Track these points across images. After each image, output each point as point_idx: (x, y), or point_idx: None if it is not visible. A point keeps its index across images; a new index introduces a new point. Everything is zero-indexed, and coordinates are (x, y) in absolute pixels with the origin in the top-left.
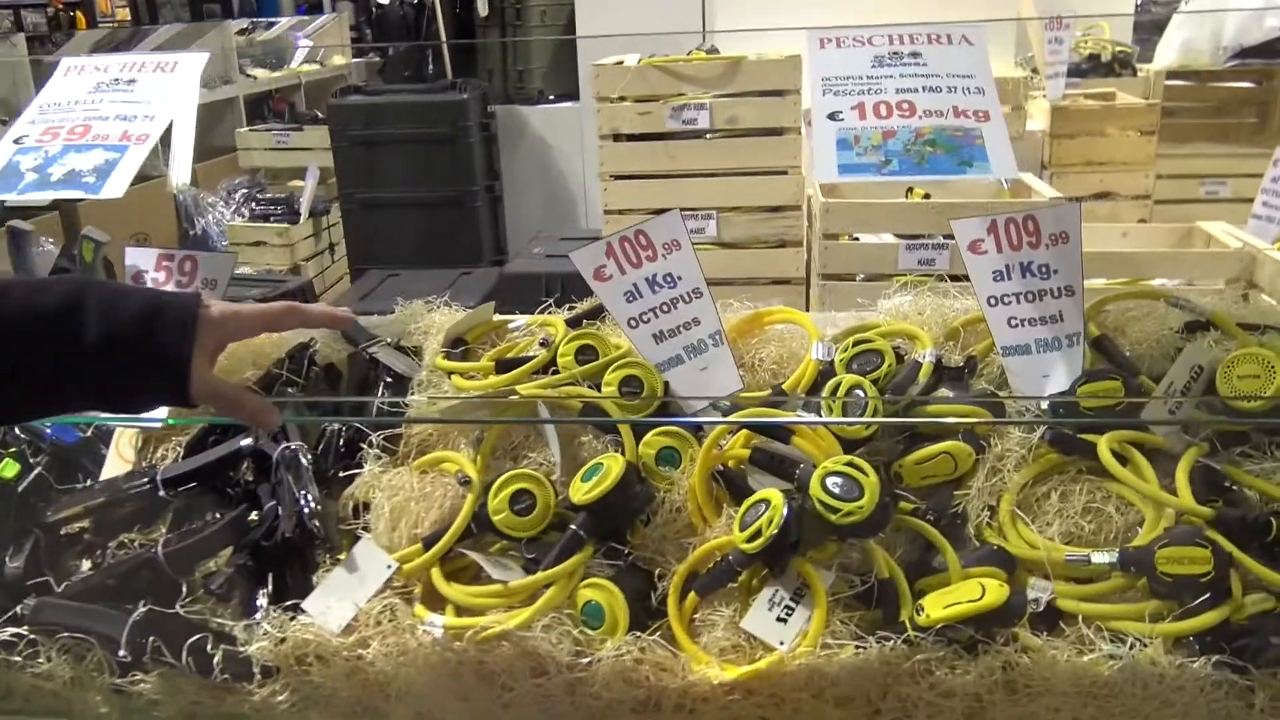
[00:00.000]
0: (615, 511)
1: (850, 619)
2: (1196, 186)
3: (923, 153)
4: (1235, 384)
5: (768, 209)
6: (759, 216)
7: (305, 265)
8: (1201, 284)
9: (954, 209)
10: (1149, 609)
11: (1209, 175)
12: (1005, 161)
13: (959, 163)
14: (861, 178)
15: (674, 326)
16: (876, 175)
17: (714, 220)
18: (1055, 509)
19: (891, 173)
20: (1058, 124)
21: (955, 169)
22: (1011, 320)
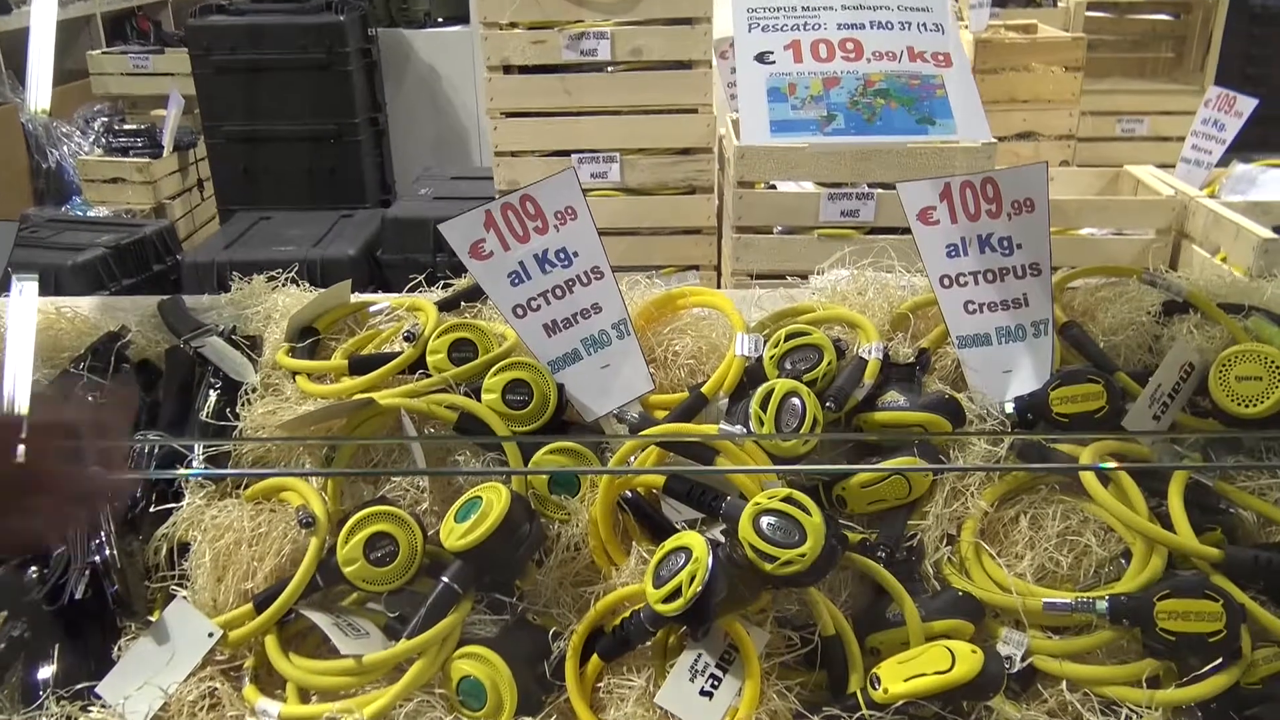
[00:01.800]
0: (498, 558)
1: (790, 687)
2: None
3: (873, 106)
4: (1233, 386)
5: (675, 151)
6: (666, 160)
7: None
8: (1131, 233)
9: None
10: (1144, 670)
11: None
12: (974, 119)
13: (918, 119)
14: (800, 138)
15: (570, 315)
16: (818, 135)
17: (617, 163)
18: (1025, 538)
19: (836, 132)
20: (981, 58)
21: (914, 128)
22: (969, 305)
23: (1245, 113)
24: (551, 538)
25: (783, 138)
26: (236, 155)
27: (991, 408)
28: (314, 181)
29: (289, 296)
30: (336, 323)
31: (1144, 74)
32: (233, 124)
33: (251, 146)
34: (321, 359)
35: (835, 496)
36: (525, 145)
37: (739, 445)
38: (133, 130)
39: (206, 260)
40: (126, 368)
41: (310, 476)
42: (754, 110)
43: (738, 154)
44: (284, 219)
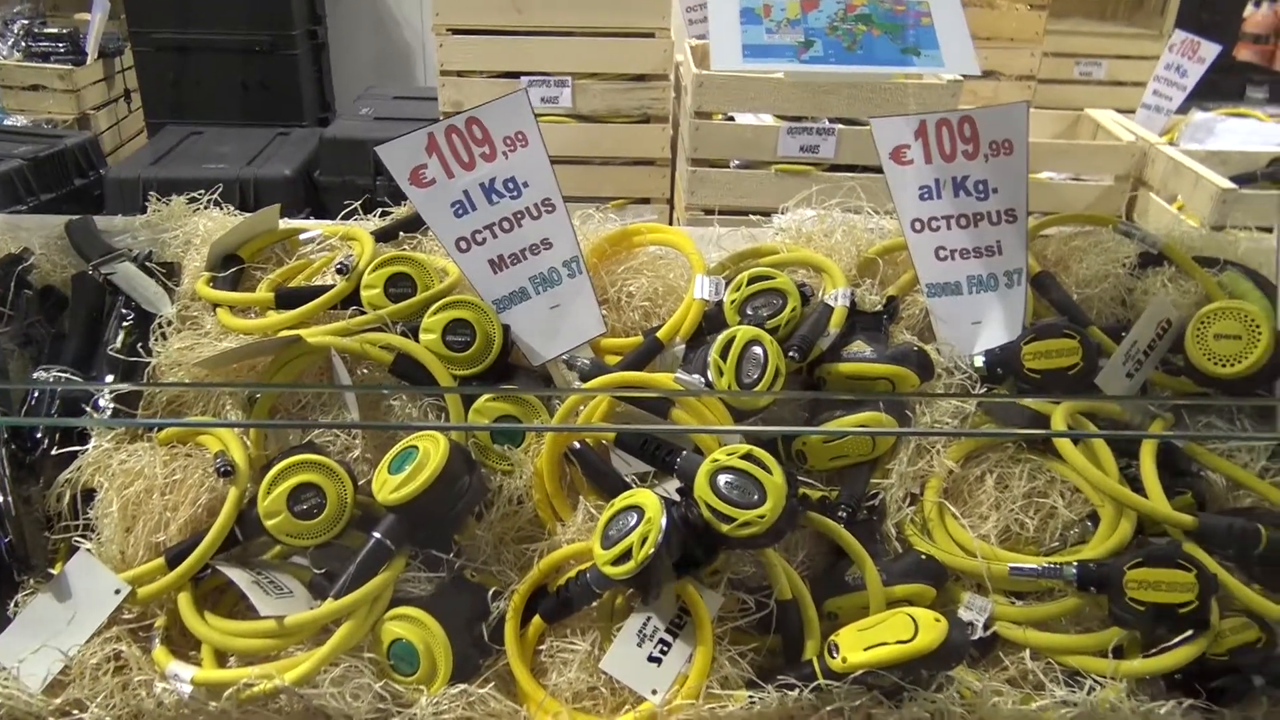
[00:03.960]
0: (435, 512)
1: (744, 653)
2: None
3: (854, 33)
4: (1211, 345)
5: (630, 77)
6: (620, 86)
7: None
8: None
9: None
10: (1110, 639)
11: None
12: (961, 52)
13: (903, 49)
14: (774, 64)
15: (518, 250)
16: (794, 62)
17: (568, 88)
18: (991, 498)
19: (814, 59)
20: None
21: (898, 58)
22: (940, 251)
23: (1208, 59)
24: (493, 490)
25: (756, 63)
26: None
27: (960, 360)
28: (249, 96)
29: (212, 220)
30: (263, 251)
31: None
32: (162, 31)
33: (181, 56)
34: (246, 290)
35: (796, 451)
36: (472, 65)
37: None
38: (54, 34)
39: (131, 176)
40: (28, 294)
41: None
42: (726, 33)
43: (695, 82)
44: (216, 135)
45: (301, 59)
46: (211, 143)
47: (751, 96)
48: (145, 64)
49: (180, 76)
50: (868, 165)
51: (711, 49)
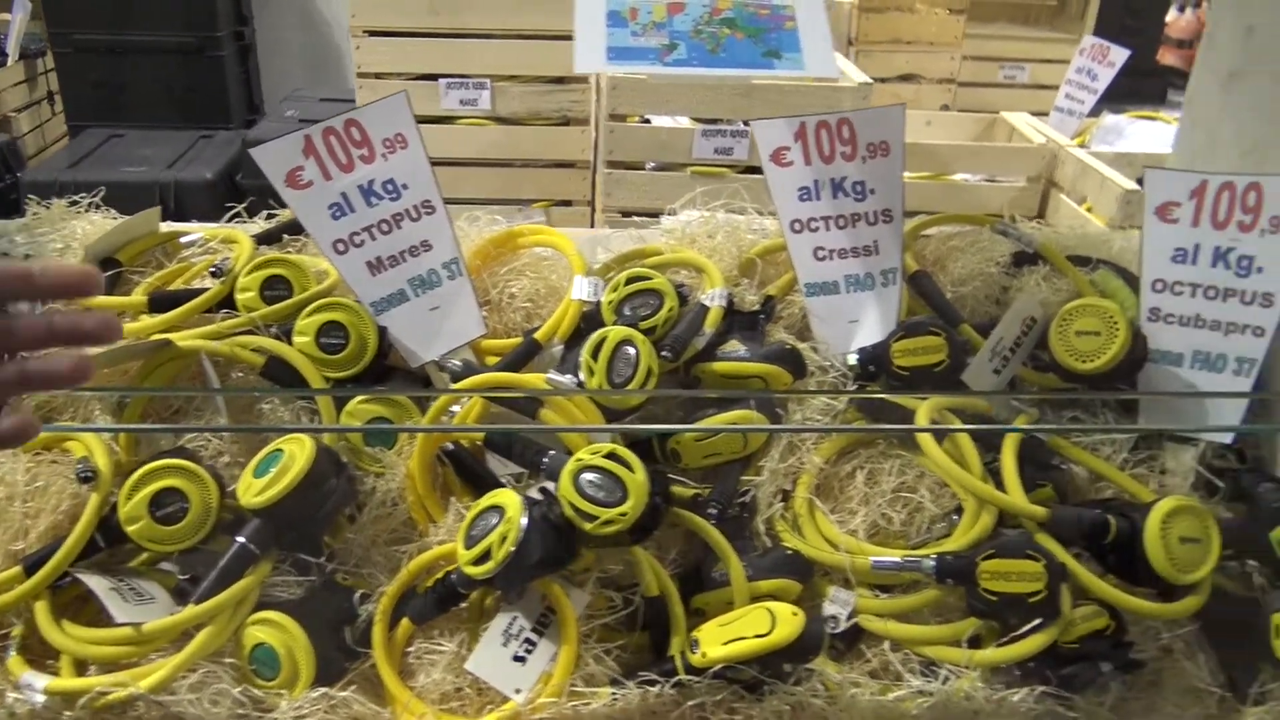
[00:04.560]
0: (301, 515)
1: (610, 650)
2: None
3: (717, 36)
4: (1072, 341)
5: (550, 80)
6: (540, 89)
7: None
8: (1003, 179)
9: (758, 91)
10: (966, 630)
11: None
12: (822, 55)
13: (764, 53)
14: (637, 66)
15: (397, 252)
16: (657, 64)
17: (488, 90)
18: (861, 494)
19: (677, 62)
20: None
21: (759, 61)
22: (819, 251)
23: (1118, 63)
24: (366, 492)
25: (619, 65)
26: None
27: (835, 359)
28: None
29: (91, 224)
30: (144, 254)
31: (1027, 21)
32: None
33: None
34: (123, 294)
35: (670, 450)
36: (389, 67)
37: (568, 398)
38: None
39: (48, 179)
40: None
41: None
42: (591, 35)
43: (610, 85)
44: (138, 137)
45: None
46: (133, 145)
47: (666, 99)
48: (67, 66)
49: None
50: None
51: (575, 51)
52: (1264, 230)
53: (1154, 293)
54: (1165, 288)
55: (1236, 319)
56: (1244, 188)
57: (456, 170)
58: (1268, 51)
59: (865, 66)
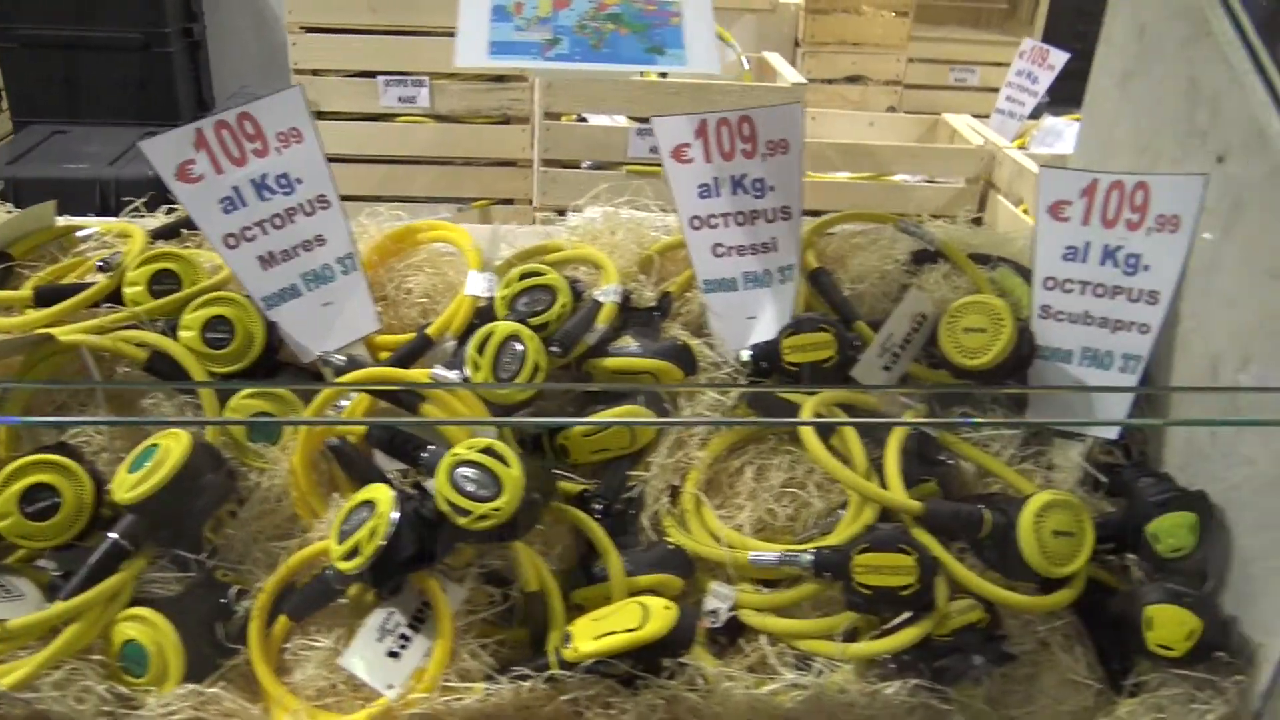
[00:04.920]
0: (175, 511)
1: (488, 646)
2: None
3: (601, 31)
4: (960, 338)
5: (489, 78)
6: (479, 86)
7: None
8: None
9: (690, 91)
10: (841, 623)
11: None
12: (705, 51)
13: (647, 49)
14: (519, 61)
15: (289, 246)
16: (538, 60)
17: (426, 88)
18: (749, 489)
19: (559, 57)
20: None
21: (641, 57)
22: (718, 248)
23: (1057, 66)
24: (249, 488)
25: (501, 60)
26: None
27: (729, 355)
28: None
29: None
30: (38, 248)
31: (978, 24)
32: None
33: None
34: (12, 289)
35: (559, 446)
36: (327, 64)
37: (451, 392)
38: None
39: None
40: None
41: None
42: (474, 30)
43: (543, 84)
44: (82, 134)
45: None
46: (76, 142)
47: (600, 98)
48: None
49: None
50: None
51: (456, 46)
52: (1150, 229)
53: (1045, 290)
54: (1056, 285)
55: (1124, 316)
56: (1132, 187)
57: (396, 168)
58: (1159, 51)
59: (812, 68)
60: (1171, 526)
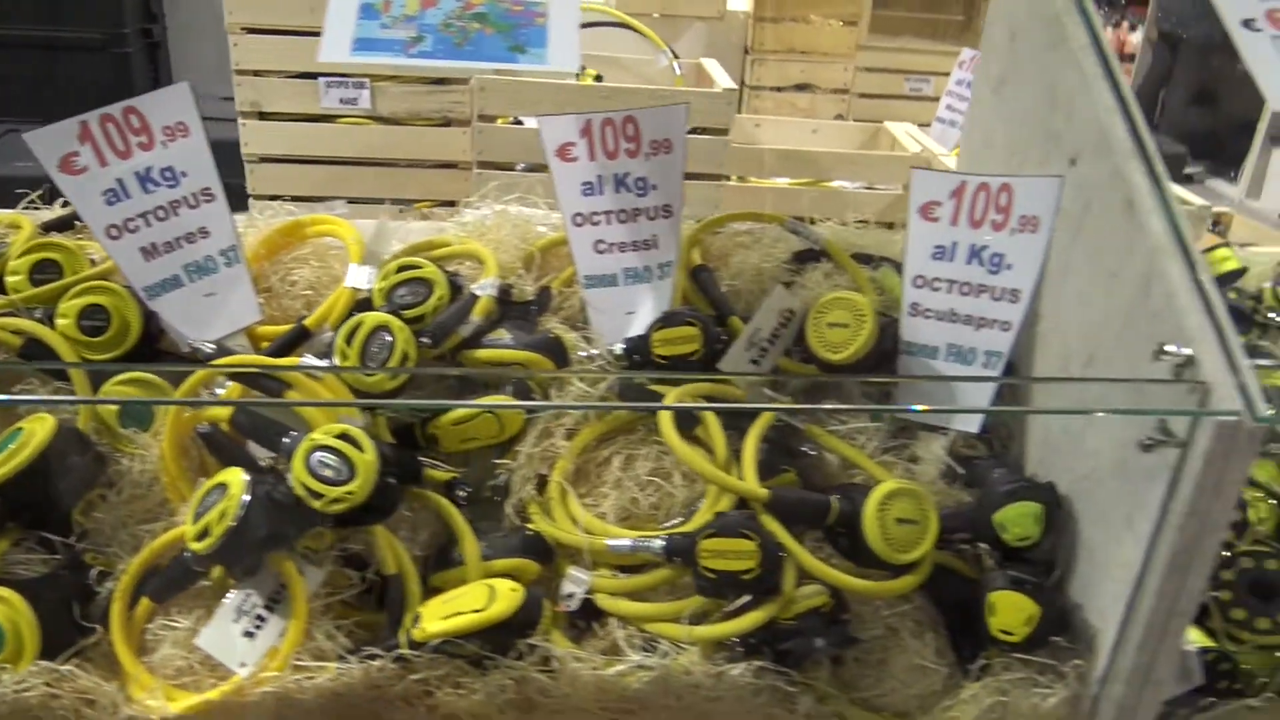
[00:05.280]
0: (38, 494)
1: (344, 627)
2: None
3: (466, 30)
4: (824, 333)
5: (430, 80)
6: (420, 89)
7: None
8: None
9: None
10: (689, 607)
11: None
12: (566, 50)
13: (509, 47)
14: (382, 58)
15: (173, 238)
16: (401, 57)
17: (367, 90)
18: (615, 478)
19: (422, 54)
20: (761, 6)
21: (504, 55)
22: (599, 244)
23: None
24: (121, 472)
25: (364, 56)
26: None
27: (602, 348)
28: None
29: None
30: None
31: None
32: None
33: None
34: None
35: (429, 435)
36: (268, 64)
37: (317, 379)
38: None
39: None
40: None
41: None
42: (340, 26)
43: (477, 86)
44: None
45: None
46: None
47: (534, 101)
48: None
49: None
50: None
51: (322, 42)
52: (1014, 229)
53: (914, 288)
54: (925, 284)
55: (987, 314)
56: (997, 188)
57: (338, 169)
58: (1026, 58)
59: (761, 76)
60: (1017, 516)
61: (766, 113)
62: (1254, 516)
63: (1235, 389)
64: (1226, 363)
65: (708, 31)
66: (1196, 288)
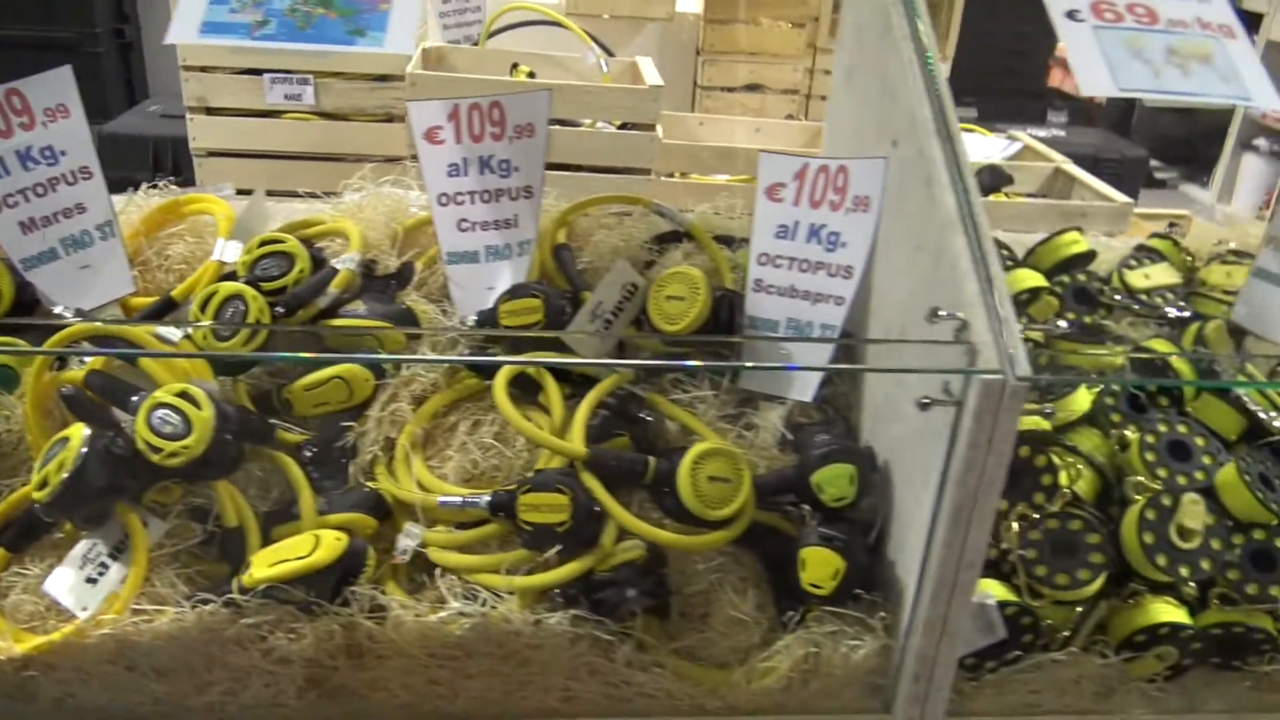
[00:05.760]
0: None
1: (187, 576)
2: None
3: (310, 14)
4: (663, 306)
5: (372, 77)
6: (363, 85)
7: None
8: None
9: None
10: (510, 559)
11: None
12: (402, 35)
13: (349, 31)
14: (226, 40)
15: (51, 213)
16: (245, 39)
17: (310, 86)
18: (460, 442)
19: (265, 37)
20: (711, 8)
21: (343, 38)
22: (462, 223)
23: None
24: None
25: (209, 39)
26: None
27: (456, 320)
28: None
29: None
30: None
31: None
32: None
33: None
34: None
35: (283, 400)
36: (214, 61)
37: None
38: None
39: None
40: None
41: None
42: (191, 9)
43: (410, 81)
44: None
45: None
46: None
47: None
48: None
49: None
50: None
51: (172, 25)
52: (849, 209)
53: (759, 265)
54: (768, 261)
55: (823, 290)
56: (835, 170)
57: (282, 164)
58: (869, 48)
59: (711, 76)
60: (833, 477)
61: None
62: (1065, 480)
63: (997, 350)
64: (993, 326)
65: (660, 32)
66: (977, 258)
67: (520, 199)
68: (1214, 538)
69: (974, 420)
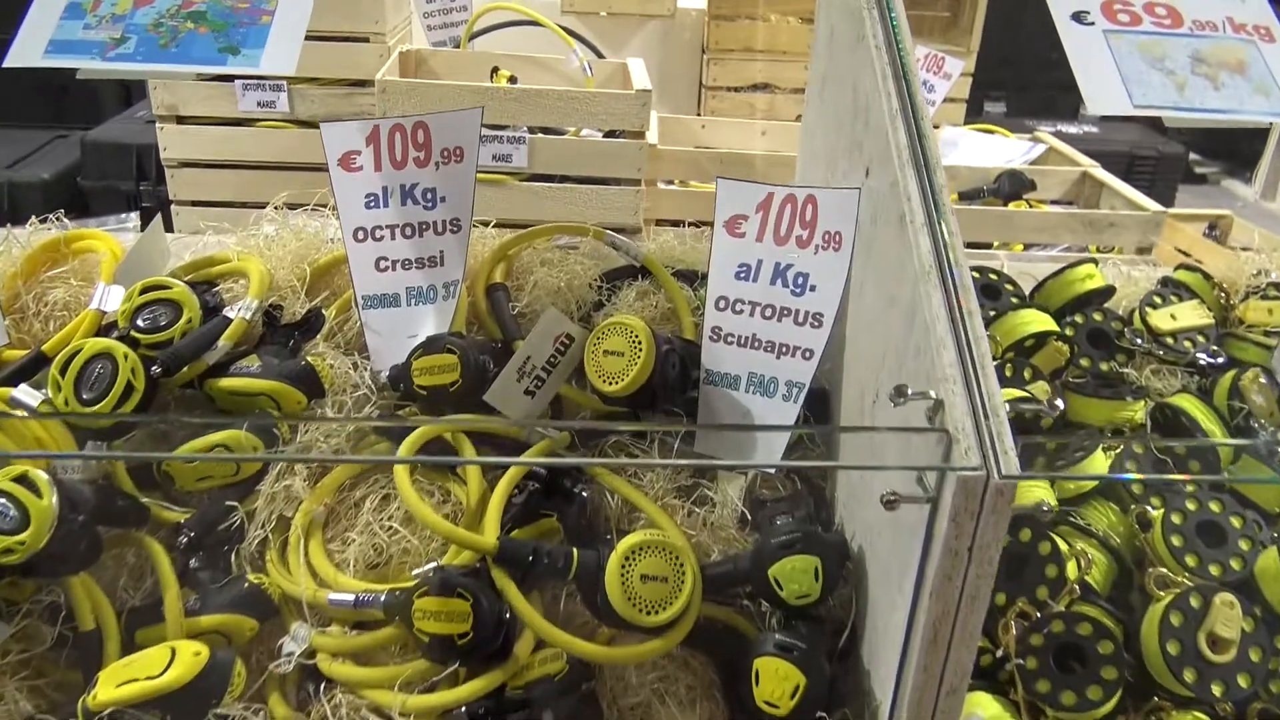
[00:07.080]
0: None
1: (33, 686)
2: None
3: (177, 31)
4: (601, 362)
5: (348, 83)
6: (338, 91)
7: None
8: None
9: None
10: (408, 673)
11: None
12: (285, 53)
13: (221, 48)
14: (77, 60)
15: None
16: (97, 60)
17: (284, 93)
18: (364, 522)
19: (121, 57)
20: (715, 3)
21: (214, 56)
22: (381, 262)
23: (954, 74)
24: None
25: (56, 60)
26: None
27: (368, 377)
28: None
29: None
30: None
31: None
32: None
33: None
34: None
35: (163, 473)
36: None
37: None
38: None
39: None
40: None
41: None
42: (38, 27)
43: (379, 88)
44: None
45: None
46: None
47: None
48: None
49: None
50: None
51: (14, 45)
52: (818, 246)
53: (717, 311)
54: (727, 306)
55: (789, 340)
56: (803, 200)
57: (256, 174)
58: (840, 56)
59: (718, 75)
60: (794, 571)
61: (726, 113)
62: (1073, 572)
63: (978, 439)
64: (973, 407)
65: (663, 30)
66: (958, 318)
67: (446, 233)
68: (1253, 646)
69: (951, 523)
